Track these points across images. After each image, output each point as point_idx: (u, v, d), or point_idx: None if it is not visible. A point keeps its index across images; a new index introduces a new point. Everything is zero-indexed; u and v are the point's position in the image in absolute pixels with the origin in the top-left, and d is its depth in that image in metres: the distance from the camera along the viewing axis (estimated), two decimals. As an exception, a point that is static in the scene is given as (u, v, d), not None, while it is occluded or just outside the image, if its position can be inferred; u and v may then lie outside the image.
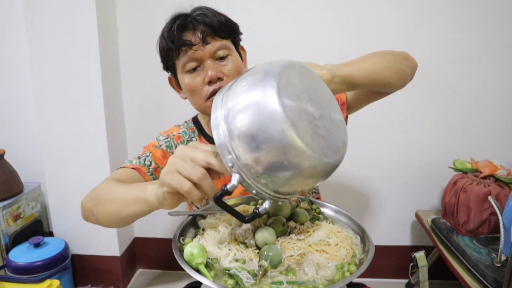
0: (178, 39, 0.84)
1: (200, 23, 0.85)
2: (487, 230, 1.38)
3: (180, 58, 0.87)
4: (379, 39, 1.66)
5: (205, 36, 0.85)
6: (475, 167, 1.49)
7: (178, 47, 0.85)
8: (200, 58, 0.85)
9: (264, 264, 0.60)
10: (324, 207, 0.83)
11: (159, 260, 2.05)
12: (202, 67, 0.86)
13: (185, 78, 0.88)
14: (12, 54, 1.82)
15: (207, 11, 0.87)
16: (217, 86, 0.85)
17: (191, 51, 0.85)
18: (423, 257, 0.70)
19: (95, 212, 0.77)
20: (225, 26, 0.87)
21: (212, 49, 0.86)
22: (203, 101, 0.88)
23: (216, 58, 0.87)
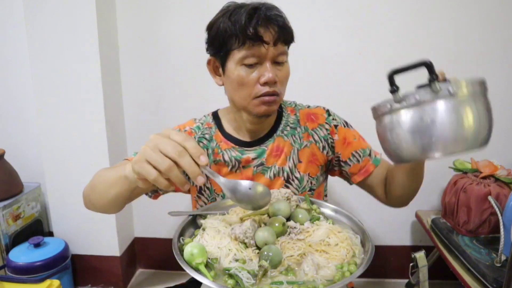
0: (253, 32, 0.81)
1: (275, 24, 0.84)
2: (487, 230, 1.38)
3: (242, 50, 0.84)
4: (379, 39, 1.66)
5: (277, 39, 0.84)
6: (475, 167, 1.48)
7: (247, 39, 0.82)
8: (263, 57, 0.84)
9: (264, 264, 0.60)
10: (324, 207, 0.83)
11: (159, 260, 2.04)
12: (260, 65, 0.85)
13: (240, 70, 0.85)
14: (12, 54, 1.82)
15: (281, 13, 0.86)
16: (271, 89, 0.85)
17: (258, 48, 0.83)
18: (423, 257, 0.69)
19: (92, 198, 0.84)
20: (291, 34, 0.88)
21: (276, 53, 0.85)
22: (250, 97, 0.87)
23: (275, 61, 0.86)
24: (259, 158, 0.96)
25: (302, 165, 0.98)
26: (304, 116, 1.02)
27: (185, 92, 1.80)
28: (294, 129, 1.00)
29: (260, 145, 0.97)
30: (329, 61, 1.71)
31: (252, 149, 0.96)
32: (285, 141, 0.98)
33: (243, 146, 0.97)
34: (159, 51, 1.77)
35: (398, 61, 1.81)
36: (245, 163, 0.96)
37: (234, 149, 0.96)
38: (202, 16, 1.72)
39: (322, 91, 1.73)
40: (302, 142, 0.99)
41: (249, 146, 0.97)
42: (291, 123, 1.01)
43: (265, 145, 0.97)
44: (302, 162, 0.98)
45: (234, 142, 0.97)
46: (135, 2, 1.72)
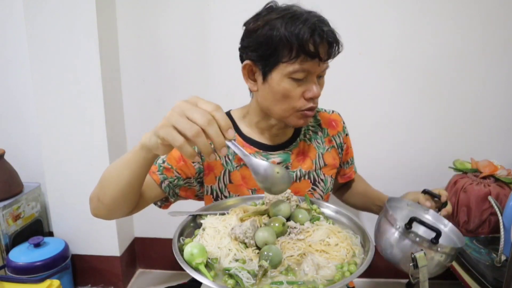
0: (314, 51, 0.79)
1: (330, 41, 0.82)
2: (487, 230, 1.38)
3: (295, 64, 0.80)
4: (379, 39, 1.66)
5: (329, 56, 0.83)
6: (475, 167, 1.49)
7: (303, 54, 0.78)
8: (312, 73, 0.83)
9: (264, 264, 0.60)
10: (324, 207, 0.83)
11: (159, 260, 2.05)
12: (306, 80, 0.83)
13: (287, 82, 0.82)
14: (12, 54, 1.82)
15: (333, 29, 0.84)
16: (315, 104, 0.86)
17: (313, 64, 0.80)
18: (423, 257, 0.69)
19: (101, 196, 0.77)
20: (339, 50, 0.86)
21: (323, 68, 0.85)
22: (293, 111, 0.85)
23: (318, 76, 0.86)
24: (285, 162, 0.95)
25: (327, 168, 1.01)
26: (325, 121, 1.05)
27: (185, 92, 1.80)
28: (315, 133, 1.02)
29: (284, 149, 0.96)
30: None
31: (276, 153, 0.95)
32: (309, 145, 1.00)
33: (267, 150, 0.95)
34: (159, 51, 1.77)
35: (398, 61, 1.82)
36: None
37: (258, 153, 0.94)
38: (202, 16, 1.73)
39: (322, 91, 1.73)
40: (325, 146, 1.02)
41: (273, 150, 0.95)
42: (312, 126, 1.03)
43: (289, 149, 0.97)
44: (327, 165, 1.01)
45: (257, 147, 0.95)
46: (135, 2, 1.72)
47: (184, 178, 0.91)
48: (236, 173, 0.93)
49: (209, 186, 0.94)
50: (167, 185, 0.89)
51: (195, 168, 0.91)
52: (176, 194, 0.93)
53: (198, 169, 0.92)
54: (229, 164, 0.93)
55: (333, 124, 1.05)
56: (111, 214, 0.81)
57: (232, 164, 0.93)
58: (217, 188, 0.94)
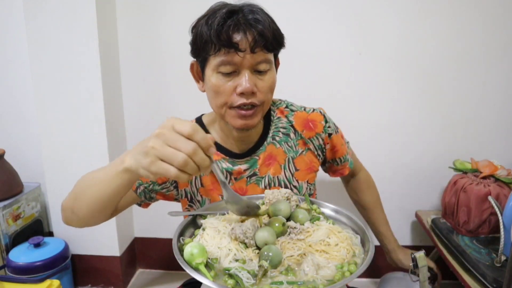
0: (226, 39, 0.75)
1: (254, 29, 0.76)
2: (487, 230, 1.37)
3: (217, 57, 0.78)
4: (380, 40, 1.66)
5: (255, 46, 0.77)
6: (475, 167, 1.48)
7: (221, 46, 0.76)
8: (240, 65, 0.78)
9: (264, 264, 0.60)
10: (324, 207, 0.83)
11: (159, 260, 2.04)
12: (237, 74, 0.79)
13: (214, 77, 0.80)
14: (12, 54, 1.82)
15: (263, 17, 0.79)
16: (248, 100, 0.79)
17: (234, 55, 0.77)
18: (423, 257, 0.69)
19: (76, 208, 0.78)
20: (276, 39, 0.80)
21: (255, 61, 0.79)
22: (226, 107, 0.82)
23: (255, 70, 0.80)
24: (251, 168, 0.92)
25: (300, 173, 0.94)
26: (300, 122, 0.96)
27: (185, 92, 1.80)
28: (287, 135, 0.95)
29: (252, 155, 0.93)
30: (328, 61, 1.71)
31: (243, 160, 0.93)
32: (277, 149, 0.94)
33: (234, 157, 0.92)
34: (159, 51, 1.77)
35: (398, 61, 1.82)
36: (237, 175, 0.92)
37: (224, 160, 0.92)
38: (202, 16, 1.73)
39: (322, 91, 1.73)
40: (298, 149, 0.95)
41: (240, 157, 0.93)
42: (283, 127, 0.95)
43: (256, 155, 0.93)
44: (300, 170, 0.95)
45: (224, 153, 0.92)
46: (135, 2, 1.72)
47: (160, 183, 0.92)
48: (207, 177, 0.93)
49: (183, 190, 0.95)
50: (142, 191, 0.92)
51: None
52: (152, 198, 0.95)
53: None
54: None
55: (309, 125, 0.96)
56: (84, 224, 0.83)
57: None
58: (190, 191, 0.94)
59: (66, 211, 0.81)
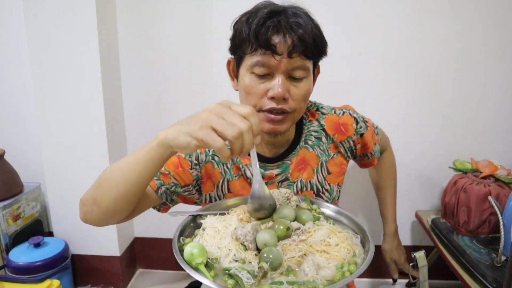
0: (264, 40, 0.73)
1: (295, 33, 0.73)
2: (487, 230, 1.37)
3: (253, 57, 0.76)
4: (380, 40, 1.66)
5: (293, 51, 0.74)
6: (475, 167, 1.48)
7: (259, 46, 0.74)
8: (275, 68, 0.76)
9: (264, 266, 0.59)
10: (324, 207, 0.83)
11: (159, 260, 2.04)
12: (271, 77, 0.77)
13: (247, 77, 0.78)
14: (12, 54, 1.82)
15: (306, 21, 0.76)
16: (278, 106, 0.76)
17: (270, 57, 0.74)
18: (423, 257, 0.70)
19: (99, 198, 0.73)
20: (317, 46, 0.78)
21: (291, 66, 0.76)
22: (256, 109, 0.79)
23: (290, 75, 0.77)
24: (283, 173, 0.90)
25: (332, 176, 0.93)
26: (332, 126, 0.94)
27: (185, 92, 1.80)
28: (319, 139, 0.92)
29: (283, 159, 0.90)
30: (329, 61, 1.70)
31: (274, 165, 0.90)
32: (310, 153, 0.91)
33: (265, 162, 0.89)
34: (159, 51, 1.77)
35: (398, 61, 1.82)
36: (268, 180, 0.90)
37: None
38: (202, 16, 1.73)
39: (322, 91, 1.73)
40: (329, 153, 0.93)
41: (271, 162, 0.90)
42: (314, 131, 0.93)
43: (289, 159, 0.90)
44: (332, 173, 0.93)
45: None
46: (135, 2, 1.72)
47: (182, 185, 0.89)
48: (236, 182, 0.90)
49: (207, 194, 0.92)
50: (163, 192, 0.87)
51: (193, 175, 0.89)
52: (173, 200, 0.91)
53: (196, 176, 0.90)
54: (227, 173, 0.90)
55: (341, 129, 0.94)
56: (104, 219, 0.77)
57: (231, 173, 0.90)
58: (216, 196, 0.91)
59: (86, 204, 0.77)
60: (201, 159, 0.90)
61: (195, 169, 0.90)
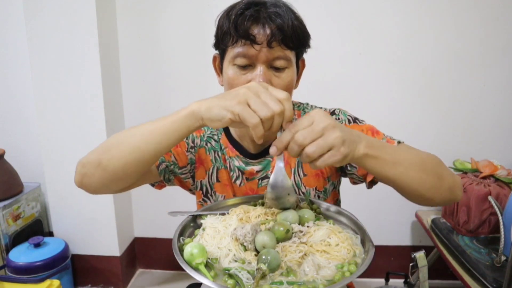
0: (243, 29, 0.73)
1: (273, 23, 0.74)
2: (487, 230, 1.37)
3: (234, 48, 0.76)
4: (380, 40, 1.66)
5: (272, 40, 0.74)
6: (475, 167, 1.48)
7: (238, 36, 0.74)
8: (255, 59, 0.76)
9: (262, 267, 0.59)
10: (324, 207, 0.83)
11: (159, 260, 2.04)
12: (252, 67, 0.77)
13: (230, 70, 0.78)
14: (12, 54, 1.82)
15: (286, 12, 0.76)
16: None
17: (250, 47, 0.75)
18: (423, 257, 0.69)
19: (105, 160, 0.70)
20: (297, 36, 0.77)
21: (272, 56, 0.76)
22: None
23: (272, 66, 0.77)
24: (264, 170, 0.89)
25: (308, 178, 0.90)
26: None
27: (185, 92, 1.80)
28: None
29: (265, 156, 0.89)
30: (329, 61, 1.71)
31: (257, 161, 0.89)
32: None
33: (248, 157, 0.89)
34: (159, 51, 1.77)
35: (398, 61, 1.82)
36: (249, 175, 0.90)
37: (238, 158, 0.90)
38: (202, 16, 1.73)
39: (322, 92, 1.73)
40: None
41: (254, 158, 0.89)
42: None
43: (270, 156, 0.88)
44: (308, 175, 0.90)
45: (239, 151, 0.90)
46: (135, 2, 1.72)
47: (180, 166, 0.89)
48: (224, 171, 0.90)
49: (199, 181, 0.93)
50: (163, 168, 0.87)
51: (188, 158, 0.90)
52: (170, 180, 0.91)
53: (190, 160, 0.90)
54: (217, 160, 0.90)
55: None
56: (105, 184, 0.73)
57: (221, 162, 0.90)
58: (207, 183, 0.92)
59: (86, 166, 0.72)
60: (196, 143, 0.91)
61: (190, 152, 0.90)
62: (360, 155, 0.63)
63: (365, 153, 0.64)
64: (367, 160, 0.65)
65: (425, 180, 0.71)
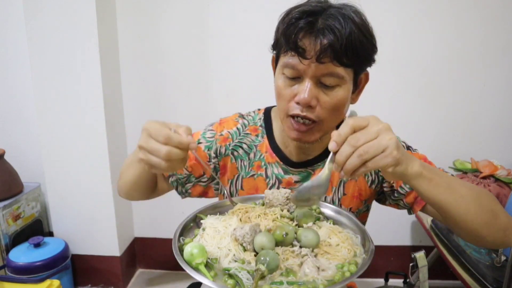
0: (293, 41, 0.68)
1: (325, 37, 0.67)
2: (487, 230, 1.37)
3: (285, 57, 0.72)
4: (379, 40, 1.66)
5: (322, 56, 0.67)
6: (475, 167, 1.49)
7: (288, 48, 0.70)
8: (303, 72, 0.70)
9: (261, 268, 0.59)
10: (325, 207, 0.83)
11: (159, 260, 2.04)
12: (300, 80, 0.72)
13: (280, 79, 0.74)
14: (12, 54, 1.82)
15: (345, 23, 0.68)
16: (303, 113, 0.71)
17: (297, 59, 0.69)
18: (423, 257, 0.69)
19: (119, 184, 0.88)
20: (354, 52, 0.70)
21: (320, 72, 0.69)
22: (284, 113, 0.75)
23: (320, 82, 0.71)
24: (303, 182, 0.85)
25: (346, 198, 0.87)
26: None
27: (185, 92, 1.80)
28: None
29: (307, 167, 0.84)
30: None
31: (297, 171, 0.85)
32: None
33: (288, 165, 0.84)
34: (159, 51, 1.77)
35: (398, 61, 1.82)
36: (286, 185, 0.85)
37: (278, 165, 0.85)
38: (202, 16, 1.73)
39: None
40: None
41: (295, 167, 0.85)
42: None
43: (312, 169, 0.85)
44: (347, 195, 0.86)
45: (280, 157, 0.85)
46: (135, 2, 1.72)
47: (197, 176, 0.87)
48: (249, 180, 0.87)
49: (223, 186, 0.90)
50: (174, 180, 0.87)
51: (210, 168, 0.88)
52: (186, 191, 0.90)
53: (214, 169, 0.88)
54: (243, 169, 0.87)
55: None
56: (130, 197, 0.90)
57: (247, 171, 0.87)
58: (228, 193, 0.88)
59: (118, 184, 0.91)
60: (220, 152, 0.88)
61: (213, 163, 0.88)
62: (415, 173, 0.61)
63: (420, 172, 0.61)
64: (421, 181, 0.62)
65: (480, 214, 0.67)
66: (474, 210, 0.67)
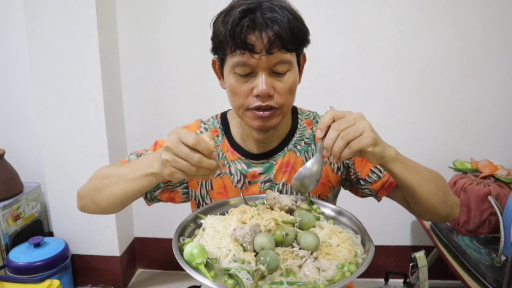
0: (241, 40, 0.72)
1: (270, 29, 0.72)
2: (487, 230, 1.38)
3: (233, 57, 0.75)
4: (380, 39, 1.66)
5: (271, 47, 0.72)
6: (475, 167, 1.48)
7: (236, 47, 0.73)
8: (256, 67, 0.74)
9: (261, 268, 0.59)
10: (325, 207, 0.83)
11: (159, 260, 2.04)
12: (254, 75, 0.76)
13: (231, 78, 0.77)
14: (12, 54, 1.82)
15: (282, 14, 0.73)
16: (264, 103, 0.76)
17: (249, 56, 0.73)
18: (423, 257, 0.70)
19: (97, 198, 0.81)
20: (296, 37, 0.75)
21: (272, 62, 0.74)
22: (243, 109, 0.79)
23: (273, 71, 0.76)
24: (267, 173, 0.88)
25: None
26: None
27: (185, 92, 1.80)
28: (308, 145, 0.90)
29: (269, 158, 0.88)
30: (329, 61, 1.71)
31: (259, 162, 0.88)
32: (297, 157, 0.89)
33: (250, 158, 0.88)
34: (159, 51, 1.77)
35: (398, 61, 1.82)
36: (251, 178, 0.88)
37: (240, 160, 0.88)
38: (201, 16, 1.73)
39: (322, 92, 1.73)
40: None
41: (256, 159, 0.88)
42: (306, 137, 0.91)
43: (274, 159, 0.88)
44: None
45: (241, 153, 0.88)
46: (135, 2, 1.72)
47: (166, 181, 0.89)
48: (217, 179, 0.89)
49: (193, 190, 0.92)
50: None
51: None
52: (155, 198, 0.93)
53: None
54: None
55: None
56: (102, 213, 0.85)
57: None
58: (199, 195, 0.91)
59: (84, 199, 0.84)
60: None
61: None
62: (392, 156, 0.71)
63: (396, 156, 0.72)
64: (396, 163, 0.72)
65: (437, 193, 0.80)
66: (433, 189, 0.79)
